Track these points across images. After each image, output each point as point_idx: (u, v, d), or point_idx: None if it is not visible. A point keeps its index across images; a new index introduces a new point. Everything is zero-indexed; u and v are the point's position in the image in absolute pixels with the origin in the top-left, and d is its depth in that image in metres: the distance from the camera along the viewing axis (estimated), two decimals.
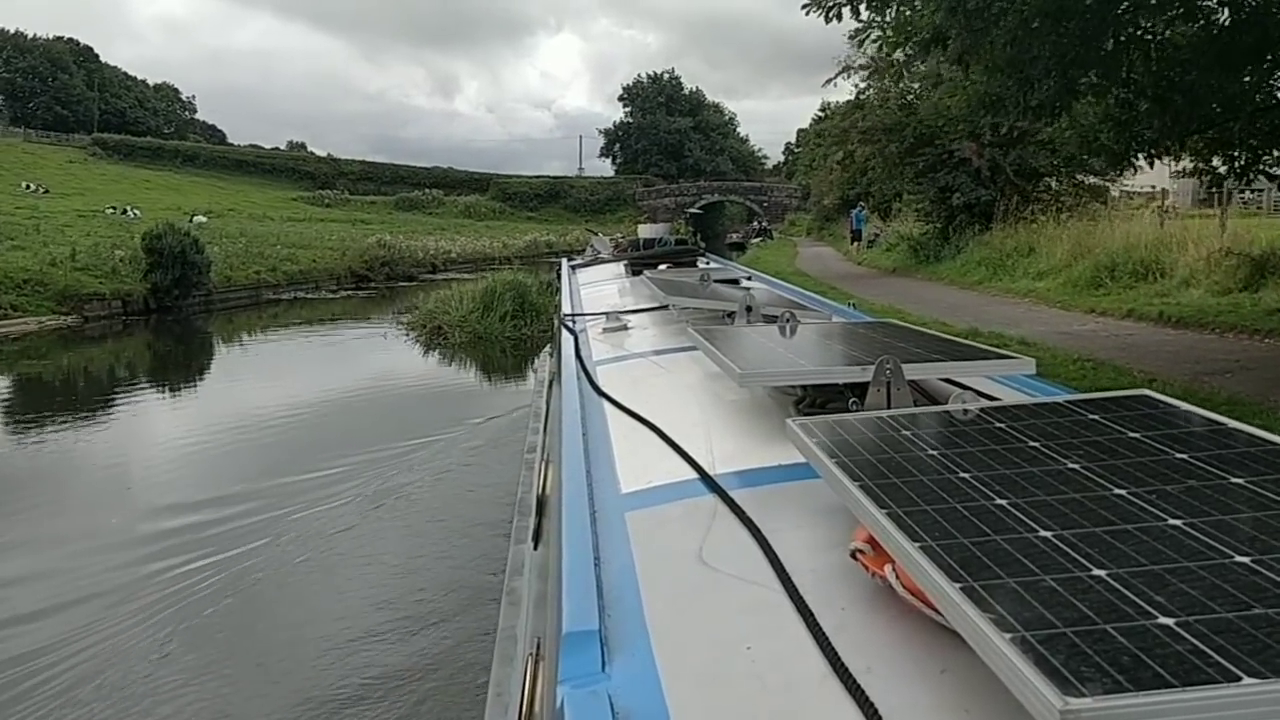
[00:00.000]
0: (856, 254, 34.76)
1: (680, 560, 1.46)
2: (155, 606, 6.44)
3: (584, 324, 4.40)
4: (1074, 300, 14.79)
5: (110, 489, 9.84)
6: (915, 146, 23.13)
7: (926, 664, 1.07)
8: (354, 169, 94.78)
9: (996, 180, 22.37)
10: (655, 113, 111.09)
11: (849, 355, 2.41)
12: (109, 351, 20.59)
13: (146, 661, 5.68)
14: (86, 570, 7.19)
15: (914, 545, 1.09)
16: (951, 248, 22.72)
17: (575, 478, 1.94)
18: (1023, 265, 18.30)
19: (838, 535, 1.42)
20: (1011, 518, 1.16)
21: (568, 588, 1.38)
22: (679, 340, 3.42)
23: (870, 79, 24.62)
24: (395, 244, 39.69)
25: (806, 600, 1.24)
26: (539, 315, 19.74)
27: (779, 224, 77.51)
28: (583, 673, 1.12)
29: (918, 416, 1.68)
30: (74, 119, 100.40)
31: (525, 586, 2.47)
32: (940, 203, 23.77)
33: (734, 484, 1.74)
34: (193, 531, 7.96)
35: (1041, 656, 0.83)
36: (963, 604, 0.94)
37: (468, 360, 18.02)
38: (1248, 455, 1.33)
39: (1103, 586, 0.97)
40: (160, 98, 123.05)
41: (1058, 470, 1.33)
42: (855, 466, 1.39)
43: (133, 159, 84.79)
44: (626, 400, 2.56)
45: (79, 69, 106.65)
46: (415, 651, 5.76)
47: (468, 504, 8.56)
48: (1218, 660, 0.81)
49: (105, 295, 22.83)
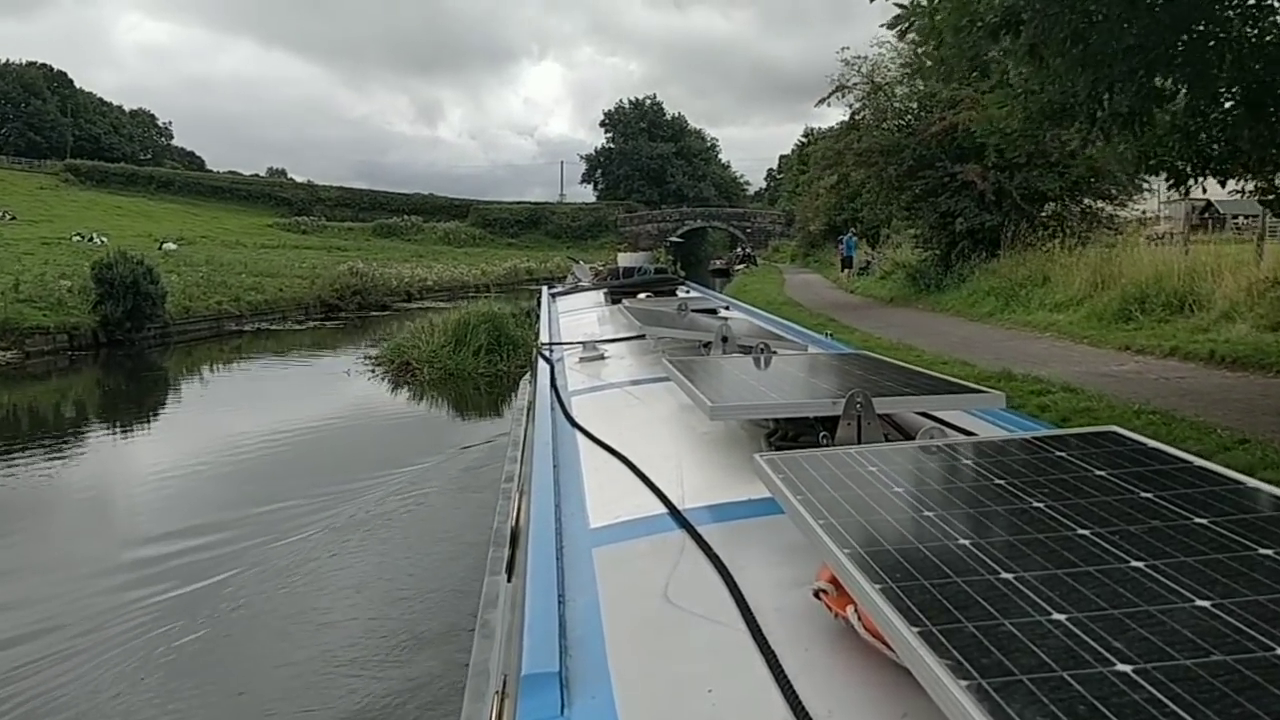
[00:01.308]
0: (847, 282, 33.49)
1: (646, 598, 1.45)
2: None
3: (561, 353, 4.34)
4: (1103, 336, 13.45)
5: (42, 536, 9.26)
6: (915, 169, 21.85)
7: (887, 707, 1.06)
8: (332, 195, 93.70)
9: (1002, 205, 21.10)
10: (637, 138, 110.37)
11: (821, 388, 2.41)
12: (50, 390, 18.97)
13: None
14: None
15: (874, 586, 1.07)
16: (954, 276, 21.39)
17: (544, 511, 1.91)
18: (1037, 296, 16.97)
19: (803, 573, 1.40)
20: (974, 559, 1.14)
21: (529, 627, 1.35)
22: (655, 370, 3.39)
23: (866, 99, 23.37)
24: (368, 272, 38.04)
25: (770, 641, 1.23)
26: (516, 349, 18.30)
27: (762, 250, 76.58)
28: (541, 716, 1.11)
29: (885, 453, 1.65)
30: (47, 145, 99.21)
31: (499, 619, 2.36)
32: (941, 229, 22.45)
33: (703, 519, 1.73)
34: (109, 596, 7.28)
35: (997, 706, 0.82)
36: (920, 649, 0.93)
37: (437, 400, 16.55)
38: (1212, 495, 1.32)
39: (1062, 631, 0.96)
40: (136, 124, 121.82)
41: (1022, 509, 1.31)
42: (819, 503, 1.36)
43: (106, 185, 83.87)
44: (600, 432, 2.54)
45: (53, 94, 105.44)
46: (386, 688, 5.70)
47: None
48: (1174, 709, 0.81)
49: (49, 329, 21.18)
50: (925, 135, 21.50)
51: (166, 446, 13.62)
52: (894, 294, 24.49)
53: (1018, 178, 20.93)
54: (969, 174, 20.68)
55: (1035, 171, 20.85)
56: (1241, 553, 1.13)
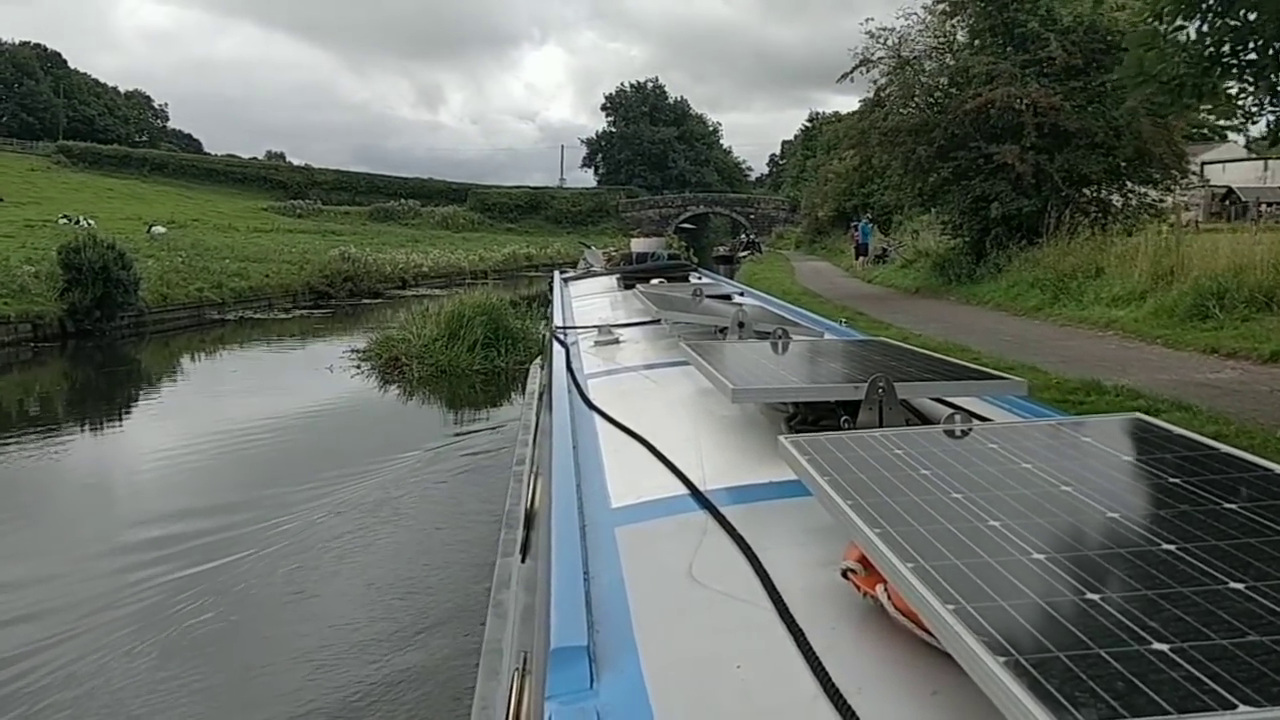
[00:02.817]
0: (863, 270, 31.85)
1: (670, 576, 1.45)
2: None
3: (575, 336, 4.30)
4: (1178, 336, 11.86)
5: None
6: (946, 150, 20.20)
7: (917, 685, 1.06)
8: (328, 179, 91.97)
9: (1041, 189, 19.45)
10: (639, 122, 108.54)
11: (841, 373, 2.43)
12: (7, 385, 17.39)
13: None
14: None
15: (906, 565, 1.07)
16: (989, 266, 19.74)
17: (565, 491, 1.87)
18: (1091, 289, 15.35)
19: (829, 553, 1.40)
20: (1004, 539, 1.14)
21: (556, 602, 1.33)
22: (671, 355, 3.41)
23: (892, 74, 21.68)
24: (360, 257, 36.18)
25: (797, 619, 1.22)
26: (516, 344, 16.72)
27: (766, 237, 74.82)
28: (571, 689, 1.11)
29: (910, 435, 1.65)
30: (40, 126, 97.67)
31: (512, 600, 2.36)
32: (973, 214, 20.78)
33: (725, 500, 1.73)
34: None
35: (1035, 680, 0.82)
36: (955, 625, 0.93)
37: (426, 400, 14.97)
38: (1241, 481, 1.32)
39: (1096, 611, 0.95)
40: (131, 105, 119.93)
41: (1050, 492, 1.31)
42: (847, 484, 1.36)
43: (99, 167, 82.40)
44: (617, 414, 2.52)
45: (46, 75, 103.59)
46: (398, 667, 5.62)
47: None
48: (1213, 688, 0.80)
49: (10, 318, 19.48)
50: (958, 113, 19.86)
51: (126, 446, 12.60)
52: (919, 284, 22.84)
53: (1059, 159, 19.31)
54: (1006, 155, 19.05)
55: (1079, 152, 19.25)
56: (1273, 537, 1.12)
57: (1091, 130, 19.01)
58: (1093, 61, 19.48)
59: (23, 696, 5.45)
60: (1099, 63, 19.48)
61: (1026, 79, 19.35)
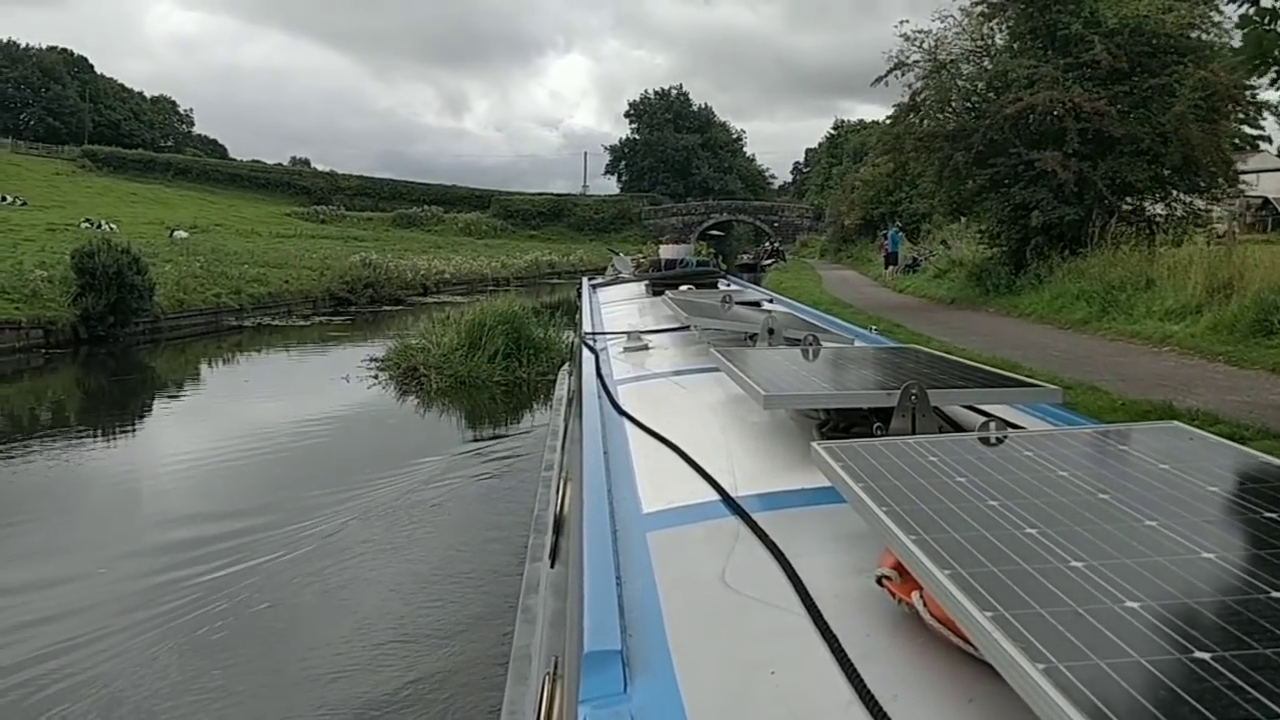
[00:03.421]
0: (893, 280, 31.13)
1: (702, 582, 1.44)
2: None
3: (604, 343, 4.29)
4: (1242, 353, 11.14)
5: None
6: (984, 156, 19.48)
7: (953, 693, 1.05)
8: (352, 184, 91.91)
9: (1084, 197, 18.70)
10: (663, 129, 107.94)
11: (874, 379, 2.40)
12: (16, 391, 16.94)
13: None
14: None
15: (943, 572, 1.06)
16: (1030, 276, 18.99)
17: (596, 496, 1.86)
18: (1141, 301, 14.60)
19: (863, 561, 1.38)
20: (1042, 547, 1.13)
21: (589, 607, 1.32)
22: (700, 361, 3.41)
23: (928, 78, 20.97)
24: (382, 263, 35.76)
25: (831, 626, 1.21)
26: (538, 354, 16.14)
27: (790, 245, 74.10)
28: (604, 693, 1.09)
29: (945, 442, 1.62)
30: (66, 130, 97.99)
31: (540, 605, 2.34)
32: (1012, 222, 20.04)
33: (756, 506, 1.71)
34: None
35: (1074, 687, 0.81)
36: (993, 632, 0.92)
37: (444, 412, 14.40)
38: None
39: (1136, 619, 0.94)
40: (157, 110, 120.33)
41: (1088, 500, 1.29)
42: (882, 491, 1.34)
43: (123, 171, 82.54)
44: (648, 420, 2.50)
45: (72, 80, 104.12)
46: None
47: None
48: (1255, 696, 0.79)
49: (21, 323, 19.08)
50: (997, 118, 19.16)
51: (132, 456, 12.17)
52: (955, 295, 22.10)
53: (1102, 166, 18.57)
54: (1047, 161, 18.31)
55: (1123, 159, 18.51)
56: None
57: (1137, 136, 18.27)
58: (1138, 65, 18.77)
59: (59, 694, 5.42)
60: (1145, 66, 18.77)
61: (1069, 83, 18.62)
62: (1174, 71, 18.35)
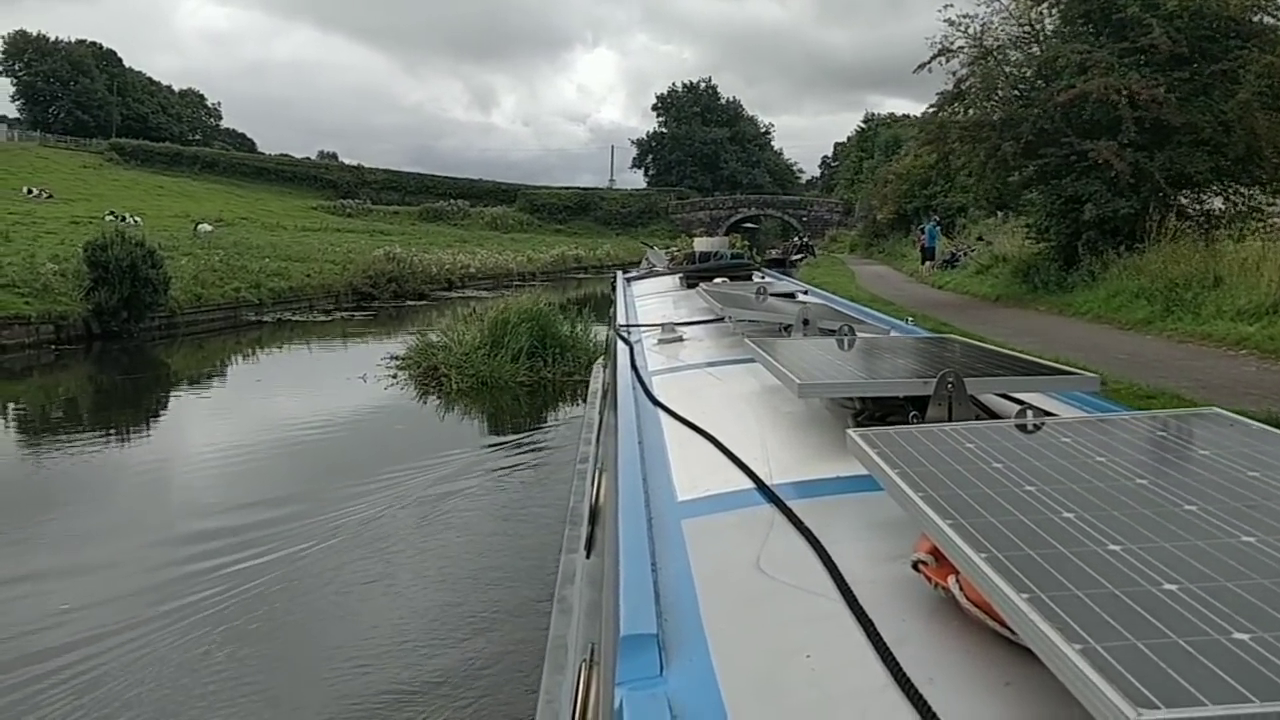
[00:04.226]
0: (929, 276, 30.13)
1: (737, 568, 1.43)
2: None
3: (639, 334, 4.33)
4: None
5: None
6: (1033, 146, 18.50)
7: (990, 676, 1.04)
8: (378, 178, 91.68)
9: (1140, 189, 17.70)
10: (690, 122, 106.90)
11: (909, 368, 2.38)
12: (24, 389, 16.33)
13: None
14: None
15: (979, 556, 1.05)
16: (1082, 273, 18.02)
17: (631, 485, 1.85)
18: (1210, 301, 13.63)
19: (898, 547, 1.37)
20: (1079, 530, 1.12)
21: (625, 592, 1.31)
22: (735, 352, 3.41)
23: (973, 65, 20.00)
24: (405, 258, 35.11)
25: (866, 610, 1.20)
26: (564, 353, 15.38)
27: (819, 240, 72.93)
28: (641, 675, 1.09)
29: (981, 429, 1.60)
30: (94, 124, 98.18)
31: (577, 595, 2.36)
32: (1062, 216, 19.05)
33: (791, 494, 1.70)
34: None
35: (1111, 667, 0.80)
36: (1030, 614, 0.91)
37: (465, 414, 13.65)
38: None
39: (1174, 600, 0.93)
40: (185, 104, 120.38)
41: (1126, 485, 1.27)
42: (918, 477, 1.32)
43: (150, 165, 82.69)
44: (682, 410, 2.49)
45: (101, 73, 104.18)
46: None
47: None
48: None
49: (30, 318, 18.47)
50: (1048, 106, 18.17)
51: (137, 459, 11.42)
52: (1000, 292, 21.11)
53: (1159, 157, 17.56)
54: (1101, 152, 17.32)
55: (1182, 149, 17.49)
56: None
57: (1197, 125, 17.24)
58: (1199, 50, 17.71)
59: (96, 680, 5.46)
60: (1206, 51, 17.72)
61: (1125, 69, 17.61)
62: (1238, 57, 17.31)
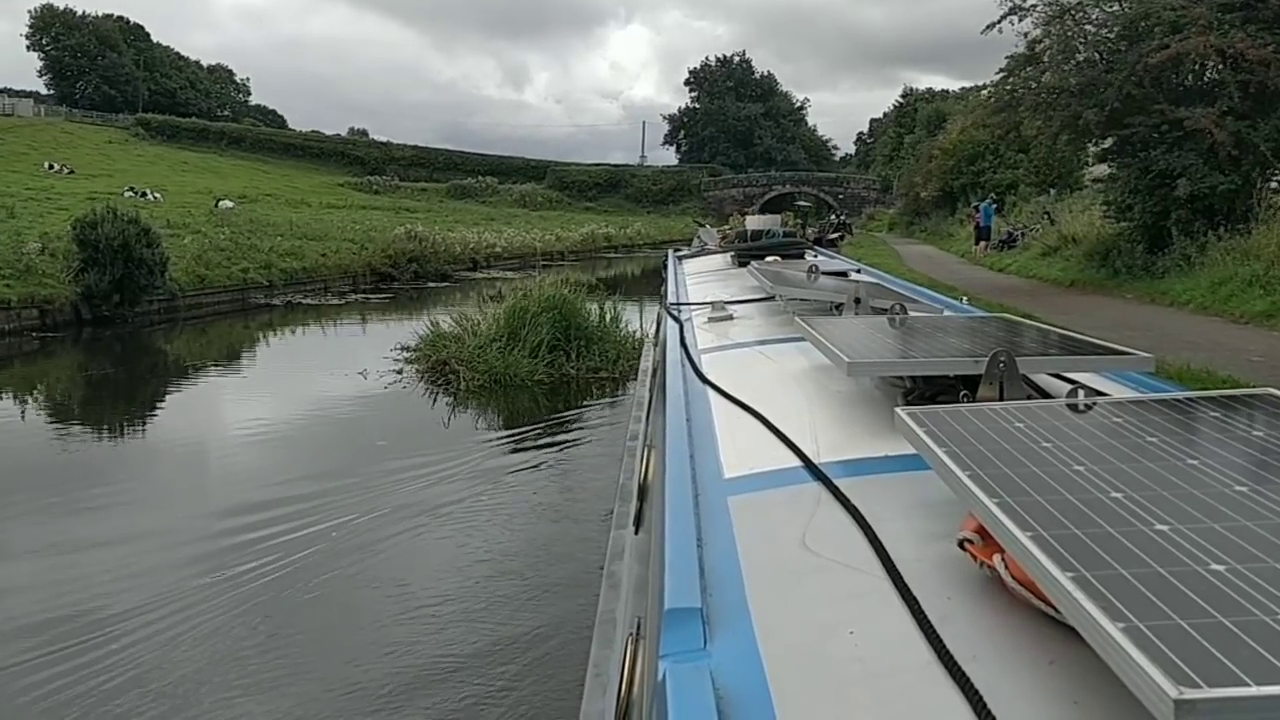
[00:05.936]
0: (984, 257, 28.09)
1: (782, 544, 1.44)
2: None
3: (689, 313, 4.31)
4: None
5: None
6: (1120, 114, 16.48)
7: (1034, 654, 1.04)
8: (406, 154, 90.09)
9: (1241, 163, 15.68)
10: (724, 98, 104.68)
11: (961, 347, 2.34)
12: (6, 380, 14.80)
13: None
14: None
15: (1025, 534, 1.05)
16: (1174, 257, 16.05)
17: (679, 462, 1.87)
18: None
19: (944, 526, 1.37)
20: (1127, 510, 1.11)
21: (670, 566, 1.33)
22: (785, 330, 3.40)
23: (1049, 24, 17.96)
24: (428, 236, 33.37)
25: (911, 588, 1.20)
26: (590, 345, 13.64)
27: (856, 218, 70.68)
28: (685, 648, 1.11)
29: (1031, 408, 1.59)
30: (122, 99, 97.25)
31: (625, 570, 2.35)
32: (1149, 193, 17.04)
33: (838, 472, 1.70)
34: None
35: (1155, 646, 0.81)
36: (1074, 592, 0.91)
37: (476, 416, 11.94)
38: None
39: (1221, 580, 0.92)
40: (214, 79, 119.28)
41: (1176, 465, 1.26)
42: (965, 456, 1.32)
43: (176, 140, 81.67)
44: (731, 388, 2.50)
45: (129, 48, 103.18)
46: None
47: None
48: None
49: (11, 302, 16.94)
50: (1136, 68, 16.12)
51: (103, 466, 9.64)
52: (1073, 277, 19.08)
53: (1264, 126, 15.51)
54: (1199, 120, 15.31)
55: None
56: None
57: None
58: None
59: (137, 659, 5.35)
60: None
61: (1227, 27, 15.53)
62: None
